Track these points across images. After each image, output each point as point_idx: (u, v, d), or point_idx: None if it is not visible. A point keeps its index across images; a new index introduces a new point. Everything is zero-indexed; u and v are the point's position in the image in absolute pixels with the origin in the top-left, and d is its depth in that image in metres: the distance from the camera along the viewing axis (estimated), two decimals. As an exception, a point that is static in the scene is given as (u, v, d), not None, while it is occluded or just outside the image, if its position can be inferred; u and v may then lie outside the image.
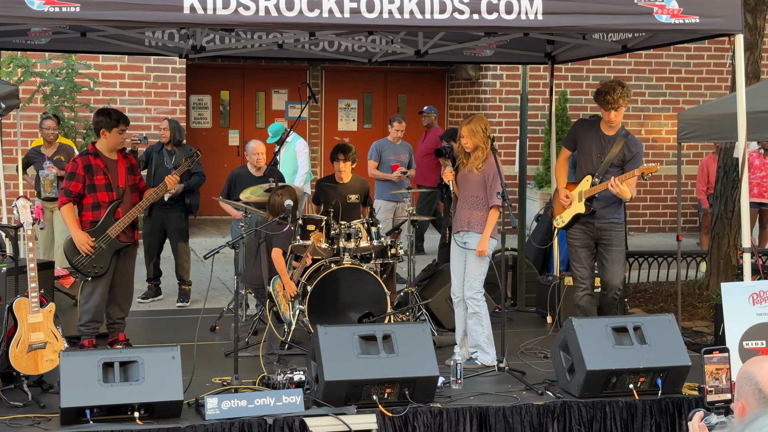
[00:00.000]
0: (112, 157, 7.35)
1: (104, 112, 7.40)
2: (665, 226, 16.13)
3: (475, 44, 8.88)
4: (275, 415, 5.80)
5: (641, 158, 7.43)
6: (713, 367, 3.67)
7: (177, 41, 8.74)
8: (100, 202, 7.24)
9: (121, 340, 7.48)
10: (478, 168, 7.20)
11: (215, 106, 16.95)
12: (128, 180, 7.37)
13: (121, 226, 7.23)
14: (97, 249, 7.17)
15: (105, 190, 7.25)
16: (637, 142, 7.49)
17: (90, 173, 7.24)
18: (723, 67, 16.11)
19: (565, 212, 7.58)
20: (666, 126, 16.21)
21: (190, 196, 10.04)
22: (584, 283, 7.53)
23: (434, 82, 17.54)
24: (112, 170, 7.29)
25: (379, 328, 6.35)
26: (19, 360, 6.15)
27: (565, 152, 7.76)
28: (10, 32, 7.82)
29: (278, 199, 7.51)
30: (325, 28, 6.85)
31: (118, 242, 7.26)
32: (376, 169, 11.49)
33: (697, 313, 9.95)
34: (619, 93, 7.24)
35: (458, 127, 7.40)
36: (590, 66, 15.71)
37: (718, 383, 3.61)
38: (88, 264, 7.18)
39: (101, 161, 7.27)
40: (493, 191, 7.16)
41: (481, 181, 7.21)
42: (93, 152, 7.32)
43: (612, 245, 7.47)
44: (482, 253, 7.12)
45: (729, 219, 10.41)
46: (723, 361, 3.67)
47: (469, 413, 6.09)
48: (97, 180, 7.23)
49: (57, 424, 5.64)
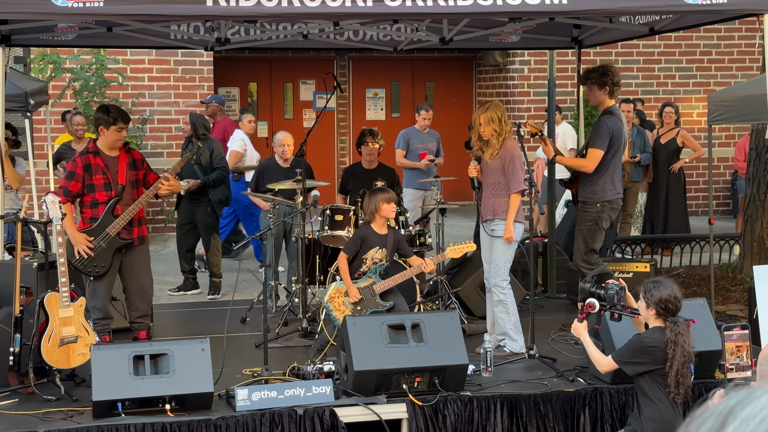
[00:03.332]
0: (113, 154, 7.21)
1: (103, 109, 7.26)
2: (698, 209, 15.97)
3: (501, 30, 8.82)
4: (305, 405, 5.80)
5: (595, 135, 7.83)
6: (733, 345, 3.63)
7: (202, 34, 8.75)
8: (98, 201, 7.14)
9: (142, 338, 7.38)
10: (497, 153, 7.17)
11: (243, 98, 16.98)
12: (129, 176, 7.22)
13: (121, 224, 7.12)
14: (96, 248, 7.08)
15: (104, 190, 7.13)
16: (601, 120, 7.88)
17: (89, 173, 7.12)
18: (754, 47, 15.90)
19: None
20: (697, 108, 16.04)
21: (212, 191, 9.93)
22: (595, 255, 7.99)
23: (462, 70, 17.46)
24: (112, 168, 7.16)
25: (408, 318, 6.33)
26: (51, 354, 6.20)
27: None
28: (37, 29, 7.86)
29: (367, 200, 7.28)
30: (348, 17, 6.83)
31: (118, 240, 7.15)
32: (403, 157, 11.46)
33: (730, 297, 9.85)
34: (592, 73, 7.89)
35: (474, 115, 7.34)
36: (619, 49, 15.58)
37: (739, 361, 3.57)
38: (88, 263, 7.09)
39: (101, 160, 7.14)
40: (512, 175, 7.10)
41: (500, 166, 7.17)
42: (93, 150, 7.19)
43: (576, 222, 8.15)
44: (509, 239, 7.09)
45: (762, 201, 10.28)
46: (743, 338, 3.62)
47: (500, 401, 6.07)
48: (96, 179, 7.12)
49: (89, 417, 5.68)
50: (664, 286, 5.25)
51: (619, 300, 5.55)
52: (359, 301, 7.04)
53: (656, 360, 5.16)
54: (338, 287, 7.17)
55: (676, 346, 5.07)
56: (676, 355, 5.07)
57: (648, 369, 5.21)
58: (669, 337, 5.10)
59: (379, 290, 7.05)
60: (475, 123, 7.22)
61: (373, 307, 7.06)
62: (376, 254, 7.12)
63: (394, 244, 7.18)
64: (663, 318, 5.21)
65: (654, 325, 5.26)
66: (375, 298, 7.05)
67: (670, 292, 5.20)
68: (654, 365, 5.18)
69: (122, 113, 7.29)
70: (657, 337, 5.17)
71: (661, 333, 5.17)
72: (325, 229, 7.98)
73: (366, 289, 7.06)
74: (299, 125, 16.47)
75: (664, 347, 5.12)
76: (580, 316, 5.56)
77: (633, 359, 5.27)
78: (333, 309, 7.09)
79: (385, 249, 7.13)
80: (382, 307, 7.04)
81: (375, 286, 7.07)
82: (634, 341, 5.36)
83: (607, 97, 7.83)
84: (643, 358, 5.22)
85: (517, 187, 7.09)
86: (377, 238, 7.12)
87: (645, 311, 5.28)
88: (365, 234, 7.17)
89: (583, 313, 5.55)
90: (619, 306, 5.54)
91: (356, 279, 7.11)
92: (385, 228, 7.15)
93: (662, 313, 5.20)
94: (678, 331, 5.11)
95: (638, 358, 5.25)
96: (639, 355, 5.24)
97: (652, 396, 5.20)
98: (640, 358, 5.24)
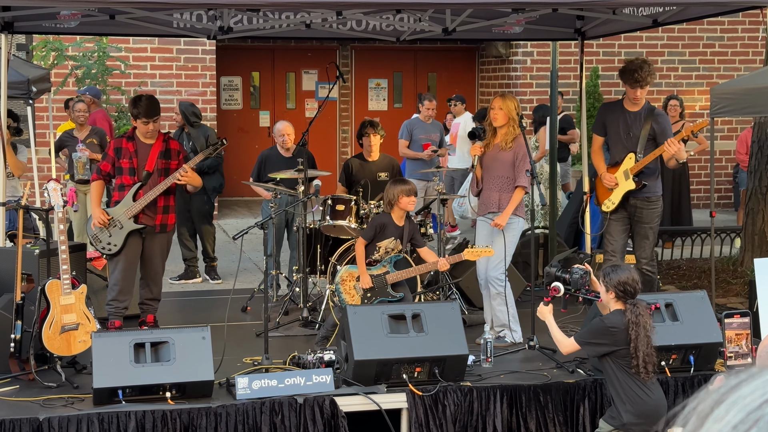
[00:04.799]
0: (148, 142, 7.35)
1: (133, 102, 7.42)
2: (699, 202, 15.96)
3: (504, 21, 8.80)
4: (305, 394, 5.82)
5: (670, 129, 7.46)
6: (733, 333, 3.66)
7: (205, 22, 8.74)
8: (125, 184, 7.31)
9: (149, 321, 7.49)
10: (508, 146, 7.15)
11: (246, 87, 16.97)
12: (158, 164, 7.33)
13: (138, 208, 7.22)
14: (112, 225, 7.22)
15: (128, 174, 7.28)
16: (663, 113, 7.60)
17: (119, 155, 7.30)
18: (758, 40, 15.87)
19: (614, 194, 7.50)
20: (700, 101, 16.02)
21: (206, 178, 9.86)
22: (614, 256, 7.50)
23: (464, 61, 17.44)
24: (142, 154, 7.29)
25: (409, 308, 6.34)
26: (52, 341, 6.21)
27: (598, 139, 7.75)
28: (40, 16, 7.85)
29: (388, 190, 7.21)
30: (351, 6, 6.82)
31: (134, 223, 7.24)
32: (407, 148, 11.46)
33: (731, 290, 9.85)
34: (647, 71, 7.32)
35: (492, 98, 7.36)
36: (622, 41, 15.56)
37: (739, 349, 3.59)
38: (102, 239, 7.23)
39: (132, 145, 7.30)
40: (520, 171, 7.12)
41: (510, 160, 7.16)
42: (129, 135, 7.38)
43: (643, 221, 7.46)
44: (499, 226, 7.06)
45: (763, 194, 10.28)
46: (743, 326, 3.65)
47: (500, 391, 6.08)
48: (123, 163, 7.28)
49: (90, 404, 5.69)
50: (622, 269, 5.42)
51: (584, 284, 5.72)
52: (370, 289, 7.04)
53: (617, 341, 5.28)
54: (351, 271, 7.12)
55: (638, 327, 5.21)
56: (639, 336, 5.21)
57: (609, 350, 5.33)
58: (630, 318, 5.24)
59: (391, 280, 7.03)
60: (489, 106, 7.25)
61: (383, 296, 7.03)
62: (390, 244, 7.10)
63: (408, 235, 7.18)
64: (623, 300, 5.35)
65: (615, 308, 5.38)
66: (386, 287, 7.03)
67: (628, 275, 5.35)
68: (615, 346, 5.30)
69: (150, 108, 7.29)
70: (618, 318, 5.30)
71: (622, 315, 5.30)
72: (327, 218, 7.99)
73: (378, 278, 7.04)
74: (301, 115, 16.46)
75: (625, 328, 5.25)
76: (546, 299, 5.71)
77: (594, 340, 5.41)
78: (343, 292, 7.09)
79: (400, 240, 7.12)
80: (392, 298, 7.03)
81: (388, 276, 7.05)
82: (595, 322, 5.52)
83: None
84: (603, 339, 5.34)
85: (523, 182, 7.10)
86: (395, 228, 7.09)
87: (605, 295, 5.43)
88: (385, 222, 7.11)
89: (548, 296, 5.63)
90: (584, 290, 5.67)
91: (369, 266, 7.08)
92: (403, 219, 7.13)
93: (621, 295, 5.34)
94: (638, 312, 5.25)
95: (599, 339, 5.37)
96: (600, 336, 5.37)
97: (621, 382, 5.32)
98: (601, 339, 5.36)
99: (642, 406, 5.24)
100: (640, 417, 5.26)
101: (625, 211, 7.53)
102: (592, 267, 8.55)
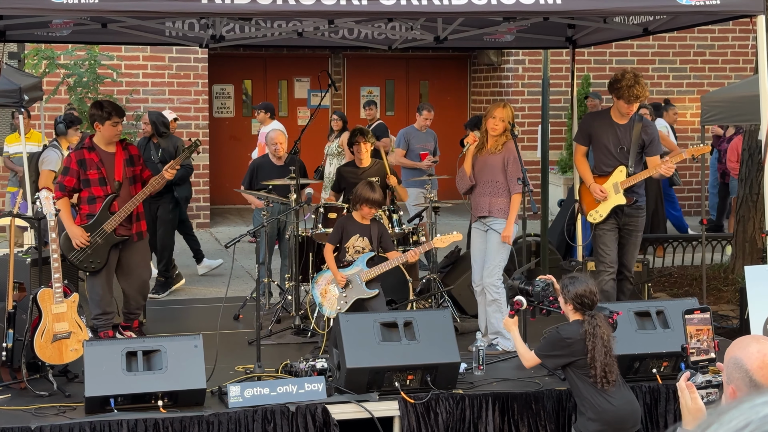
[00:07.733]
0: (109, 150, 7.24)
1: (97, 105, 7.34)
2: (690, 210, 16.01)
3: (495, 29, 8.83)
4: (298, 402, 5.82)
5: (658, 138, 7.49)
6: (694, 328, 3.69)
7: (197, 31, 8.75)
8: (95, 196, 7.18)
9: (134, 327, 7.49)
10: (498, 149, 7.20)
11: (238, 95, 16.98)
12: (126, 172, 7.24)
13: (117, 220, 7.15)
14: (93, 243, 7.12)
15: (99, 185, 7.17)
16: (651, 124, 7.57)
17: (83, 168, 7.16)
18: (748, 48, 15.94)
19: (602, 206, 7.49)
20: (690, 109, 16.08)
21: (177, 188, 9.82)
22: (611, 267, 7.50)
23: (456, 69, 17.48)
24: (108, 163, 7.19)
25: (401, 315, 6.35)
26: (44, 350, 6.20)
27: (581, 149, 7.73)
28: (32, 24, 7.85)
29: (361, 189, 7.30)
30: (342, 15, 6.84)
31: (115, 236, 7.18)
32: (403, 157, 11.48)
33: (722, 297, 9.88)
34: (642, 85, 7.29)
35: (492, 107, 7.37)
36: (613, 50, 15.61)
37: (700, 344, 3.62)
38: (84, 259, 7.15)
39: (96, 155, 7.18)
40: (512, 175, 7.15)
41: (500, 164, 7.20)
42: (89, 146, 7.23)
43: (637, 230, 7.52)
44: (506, 239, 7.12)
45: (754, 202, 10.32)
46: (704, 321, 3.68)
47: (492, 399, 6.09)
48: (90, 174, 7.15)
49: (82, 412, 5.68)
50: (580, 281, 5.42)
51: (547, 295, 5.69)
52: (345, 287, 7.11)
53: (573, 351, 5.31)
54: (325, 275, 7.29)
55: (594, 338, 5.23)
56: (596, 346, 5.22)
57: (567, 361, 5.36)
58: (587, 329, 5.26)
59: (365, 278, 7.13)
60: (489, 115, 7.26)
61: (359, 294, 7.14)
62: (357, 242, 7.21)
63: (377, 236, 7.26)
64: (581, 312, 5.37)
65: (573, 319, 5.41)
66: (361, 285, 7.13)
67: (585, 287, 5.36)
68: (572, 357, 5.32)
69: (116, 108, 7.33)
70: (574, 329, 5.33)
71: (579, 325, 5.32)
72: (319, 226, 8.00)
73: (352, 277, 7.14)
74: (293, 123, 16.47)
75: (582, 339, 5.27)
76: (510, 312, 5.71)
77: (551, 352, 5.43)
78: (320, 296, 7.23)
79: (367, 238, 7.21)
80: (368, 295, 7.13)
81: (361, 274, 7.15)
82: (552, 334, 5.55)
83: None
84: (560, 351, 5.37)
85: (518, 188, 7.13)
86: (357, 226, 7.25)
87: (564, 306, 5.47)
88: (344, 223, 7.32)
89: (512, 310, 5.65)
90: (546, 302, 5.67)
91: (343, 268, 7.22)
92: (368, 220, 7.25)
93: (579, 307, 5.37)
94: (595, 323, 5.26)
95: (556, 351, 5.40)
96: (556, 347, 5.40)
97: (582, 392, 5.34)
98: (557, 351, 5.40)
99: (603, 414, 5.26)
100: (603, 424, 5.29)
101: (615, 222, 7.53)
102: (584, 274, 8.60)
